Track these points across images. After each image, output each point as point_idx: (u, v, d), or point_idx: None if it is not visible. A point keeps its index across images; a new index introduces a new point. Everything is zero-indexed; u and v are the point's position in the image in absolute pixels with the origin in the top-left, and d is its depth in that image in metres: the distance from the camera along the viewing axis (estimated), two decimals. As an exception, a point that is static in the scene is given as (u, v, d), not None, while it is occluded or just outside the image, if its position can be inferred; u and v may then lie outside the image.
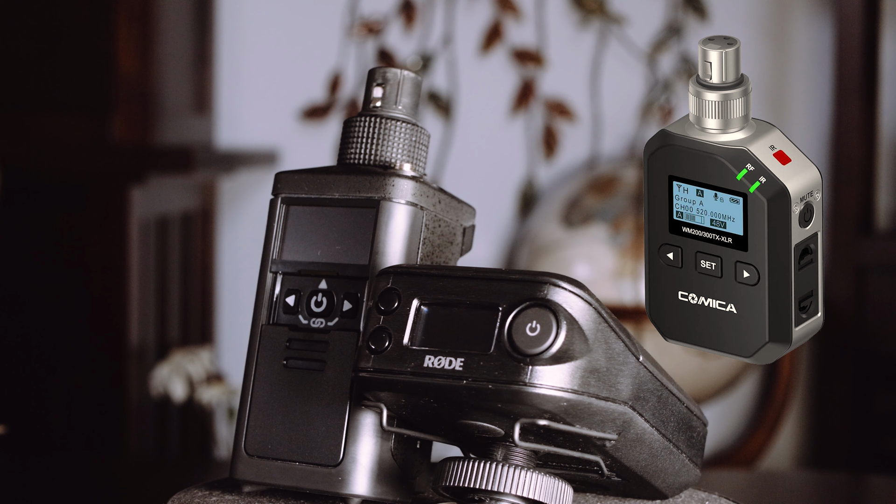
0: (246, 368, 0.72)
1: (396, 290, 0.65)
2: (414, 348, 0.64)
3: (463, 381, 0.62)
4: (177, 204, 2.09)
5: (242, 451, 0.70)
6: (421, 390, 0.63)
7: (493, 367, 0.62)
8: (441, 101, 2.35)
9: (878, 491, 1.17)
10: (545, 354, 0.61)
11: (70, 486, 1.05)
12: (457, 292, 0.64)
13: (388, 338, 0.64)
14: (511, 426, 0.63)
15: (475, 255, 2.72)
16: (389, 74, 0.73)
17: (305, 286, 0.71)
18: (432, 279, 0.65)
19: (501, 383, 0.62)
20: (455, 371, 0.62)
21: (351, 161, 0.72)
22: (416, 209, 0.71)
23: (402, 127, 0.73)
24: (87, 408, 1.83)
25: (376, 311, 0.65)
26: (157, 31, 1.95)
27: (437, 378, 0.63)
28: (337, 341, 0.69)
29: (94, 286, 1.82)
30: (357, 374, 0.65)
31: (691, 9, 2.35)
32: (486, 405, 0.63)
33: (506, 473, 0.64)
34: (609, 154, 2.38)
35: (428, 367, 0.63)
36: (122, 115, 1.86)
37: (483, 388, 0.62)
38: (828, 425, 2.30)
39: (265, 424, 0.70)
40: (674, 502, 0.75)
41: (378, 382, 0.64)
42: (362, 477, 0.68)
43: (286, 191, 0.72)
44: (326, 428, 0.69)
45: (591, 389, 0.62)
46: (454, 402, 0.63)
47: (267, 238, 0.72)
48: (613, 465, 0.68)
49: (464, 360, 0.63)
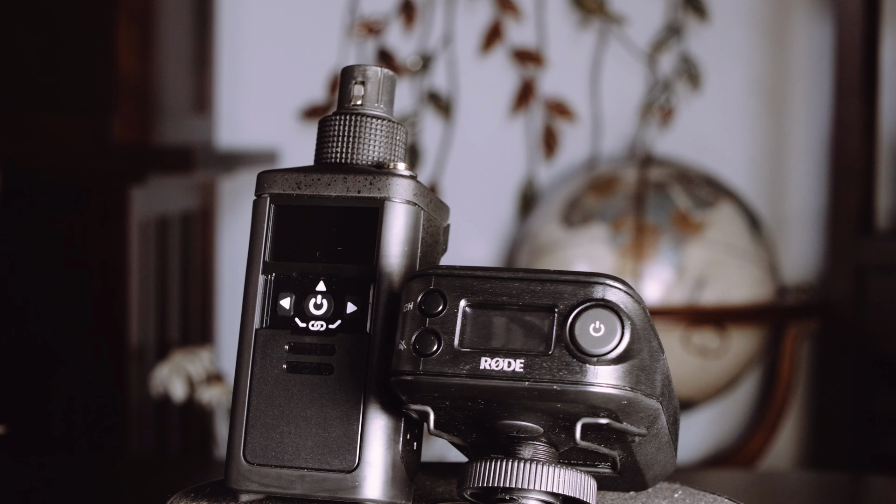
0: (238, 374, 0.69)
1: (441, 292, 0.64)
2: (467, 350, 0.63)
3: (525, 383, 0.62)
4: (177, 204, 2.09)
5: (241, 459, 0.68)
6: (477, 392, 0.63)
7: (556, 367, 0.62)
8: (441, 101, 2.35)
9: (878, 491, 1.17)
10: (611, 354, 0.62)
11: (70, 486, 1.05)
12: (507, 293, 0.64)
13: (436, 340, 0.64)
14: (553, 424, 0.64)
15: (476, 255, 2.71)
16: (370, 72, 0.72)
17: (302, 288, 0.69)
18: (479, 280, 0.64)
19: (567, 383, 0.62)
20: (515, 372, 0.63)
21: (337, 160, 0.71)
22: (416, 208, 0.70)
23: (388, 125, 0.72)
24: (87, 408, 1.83)
25: (419, 314, 0.64)
26: (157, 31, 1.95)
27: (495, 380, 0.63)
28: (344, 344, 0.68)
29: (94, 286, 1.82)
30: (401, 378, 0.64)
31: (691, 9, 2.35)
32: (546, 405, 0.63)
33: (539, 471, 0.64)
34: (609, 154, 2.37)
35: (485, 369, 0.63)
36: (122, 115, 1.86)
37: (547, 388, 0.62)
38: (828, 425, 2.30)
39: (267, 431, 0.68)
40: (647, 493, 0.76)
41: (431, 386, 0.64)
42: (378, 481, 0.67)
43: (275, 190, 0.70)
44: (339, 433, 0.67)
45: (641, 387, 0.64)
46: (510, 403, 0.64)
47: (254, 239, 0.70)
48: (627, 459, 0.69)
49: (523, 361, 0.63)
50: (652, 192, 2.19)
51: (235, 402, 0.69)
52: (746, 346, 2.20)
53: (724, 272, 2.15)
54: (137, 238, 1.85)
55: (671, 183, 2.20)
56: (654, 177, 2.21)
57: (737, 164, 2.39)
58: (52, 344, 1.83)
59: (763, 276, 2.19)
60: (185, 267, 2.13)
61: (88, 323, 1.82)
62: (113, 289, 1.82)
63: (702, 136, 2.37)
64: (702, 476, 1.36)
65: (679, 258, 2.15)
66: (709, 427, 2.41)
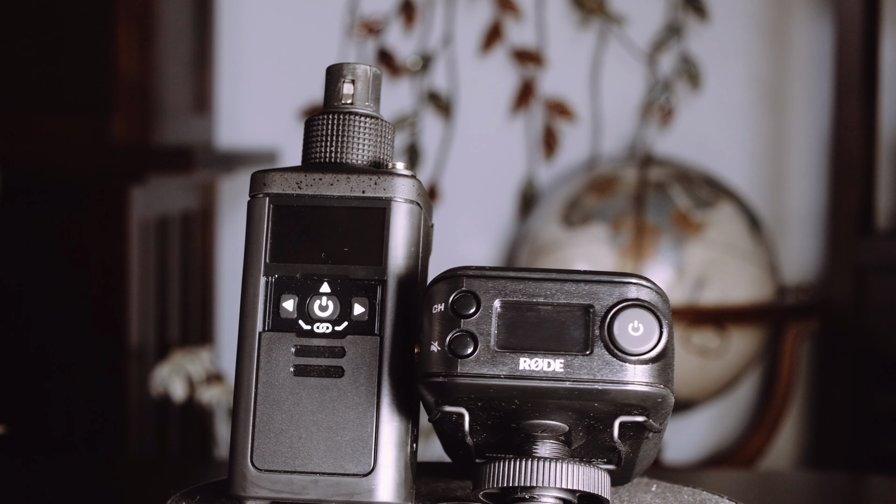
0: (241, 378, 0.67)
1: (473, 293, 0.64)
2: (504, 351, 0.64)
3: (566, 383, 0.63)
4: (177, 204, 2.09)
5: (249, 465, 0.66)
6: (517, 393, 0.63)
7: (597, 367, 0.63)
8: (441, 101, 2.34)
9: (878, 491, 1.17)
10: (650, 353, 0.63)
11: (70, 486, 1.05)
12: (541, 293, 0.64)
13: (472, 342, 0.64)
14: (578, 422, 0.65)
15: (476, 254, 2.71)
16: (360, 71, 0.71)
17: (305, 290, 0.68)
18: (512, 281, 0.64)
19: (608, 383, 0.63)
20: (556, 372, 0.63)
21: (330, 160, 0.70)
22: (418, 208, 0.69)
23: (379, 124, 0.71)
24: (87, 408, 1.83)
25: (452, 315, 0.64)
26: (157, 31, 1.95)
27: (535, 380, 0.63)
28: (354, 347, 0.67)
29: (94, 286, 1.82)
30: (434, 381, 0.64)
31: (691, 9, 2.35)
32: (584, 405, 0.64)
33: (557, 468, 0.65)
34: (609, 154, 2.37)
35: (524, 370, 0.63)
36: (122, 115, 1.86)
37: (589, 388, 0.63)
38: (828, 425, 2.30)
39: (276, 436, 0.66)
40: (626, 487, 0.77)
41: (469, 387, 0.64)
42: (393, 484, 0.66)
43: (274, 190, 0.69)
44: (352, 436, 0.66)
45: (670, 385, 0.65)
46: (546, 402, 0.64)
47: (252, 240, 0.68)
48: (628, 455, 0.70)
49: (563, 361, 0.63)
50: (652, 192, 2.19)
51: (238, 407, 0.67)
52: (746, 346, 2.20)
53: (724, 272, 2.15)
54: (137, 238, 1.84)
55: (671, 183, 2.20)
56: (654, 177, 2.21)
57: (737, 164, 2.39)
58: (52, 344, 1.83)
59: (763, 276, 2.19)
60: (185, 267, 2.13)
61: (88, 323, 1.82)
62: (113, 289, 1.82)
63: (702, 136, 2.37)
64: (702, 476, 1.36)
65: (679, 258, 2.15)
66: (709, 427, 2.41)
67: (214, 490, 0.74)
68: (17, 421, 1.79)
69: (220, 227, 2.34)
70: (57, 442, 1.84)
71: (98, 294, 1.82)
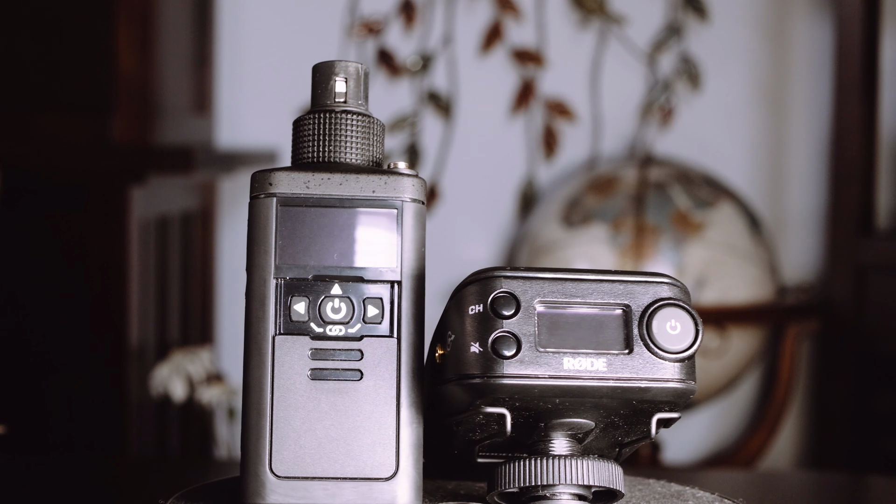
0: (252, 383, 0.66)
1: (513, 294, 0.65)
2: (548, 351, 0.64)
3: (609, 382, 0.64)
4: (177, 204, 2.09)
5: (269, 473, 0.65)
6: (561, 392, 0.64)
7: (638, 365, 0.64)
8: (441, 101, 2.34)
9: (878, 491, 1.17)
10: (689, 351, 0.65)
11: (70, 485, 1.05)
12: (578, 294, 0.65)
13: (515, 342, 0.64)
14: (604, 419, 0.66)
15: (476, 255, 2.71)
16: (352, 69, 0.71)
17: (316, 292, 0.66)
18: (551, 282, 0.65)
19: (650, 381, 0.64)
20: (598, 372, 0.64)
21: (325, 160, 0.69)
22: (424, 207, 0.69)
23: (371, 122, 0.70)
24: (87, 408, 1.83)
25: (492, 316, 0.64)
26: (157, 31, 1.95)
27: (580, 380, 0.64)
28: (372, 349, 0.66)
29: (94, 286, 1.82)
30: (475, 382, 0.64)
31: (691, 9, 2.35)
32: (624, 403, 0.65)
33: (576, 465, 0.65)
34: (609, 154, 2.37)
35: (569, 370, 0.64)
36: (122, 115, 1.85)
37: (632, 386, 0.64)
38: (828, 425, 2.30)
39: (296, 442, 0.65)
40: None
41: (513, 388, 0.64)
42: (414, 487, 0.66)
43: (281, 190, 0.67)
44: (372, 440, 0.65)
45: (695, 380, 0.66)
46: (587, 401, 0.65)
47: (258, 241, 0.67)
48: (627, 450, 0.71)
49: (605, 360, 0.64)
50: (652, 192, 2.19)
51: (249, 412, 0.65)
52: (746, 346, 2.20)
53: (724, 272, 2.15)
54: (137, 238, 1.84)
55: (671, 183, 2.20)
56: (654, 177, 2.21)
57: (737, 164, 2.39)
58: (51, 344, 1.83)
59: (763, 276, 2.19)
60: (185, 267, 2.13)
61: (88, 323, 1.82)
62: (113, 289, 1.82)
63: (702, 136, 2.37)
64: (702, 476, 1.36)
65: (679, 258, 2.15)
66: (709, 427, 2.41)
67: (213, 490, 0.74)
68: (17, 421, 1.79)
69: (220, 227, 2.34)
70: (57, 442, 1.84)
71: (98, 294, 1.82)
